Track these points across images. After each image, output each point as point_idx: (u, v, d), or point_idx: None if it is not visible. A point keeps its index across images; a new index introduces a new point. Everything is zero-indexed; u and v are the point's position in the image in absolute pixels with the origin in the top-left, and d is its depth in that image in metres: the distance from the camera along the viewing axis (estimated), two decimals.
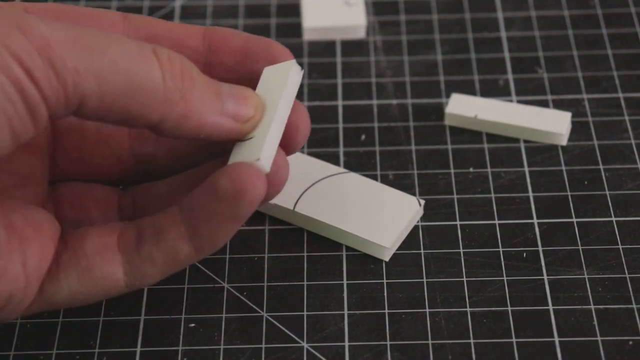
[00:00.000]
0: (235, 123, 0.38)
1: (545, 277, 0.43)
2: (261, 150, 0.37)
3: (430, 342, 0.41)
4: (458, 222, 0.46)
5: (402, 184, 0.47)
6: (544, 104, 0.51)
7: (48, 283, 0.38)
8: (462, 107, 0.50)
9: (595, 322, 0.42)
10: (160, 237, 0.38)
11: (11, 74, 0.33)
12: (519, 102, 0.51)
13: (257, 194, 0.37)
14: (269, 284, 0.43)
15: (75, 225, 0.40)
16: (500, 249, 0.44)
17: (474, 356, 0.41)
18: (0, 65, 0.32)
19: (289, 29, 0.57)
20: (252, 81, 0.40)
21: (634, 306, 0.42)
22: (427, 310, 0.42)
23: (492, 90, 0.52)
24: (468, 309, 0.42)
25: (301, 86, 0.53)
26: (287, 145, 0.40)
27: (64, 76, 0.33)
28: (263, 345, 0.41)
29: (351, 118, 0.51)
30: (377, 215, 0.45)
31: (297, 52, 0.55)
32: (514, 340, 0.41)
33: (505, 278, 0.43)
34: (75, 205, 0.42)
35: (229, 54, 0.41)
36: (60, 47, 0.34)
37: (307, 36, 0.56)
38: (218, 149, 0.41)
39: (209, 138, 0.38)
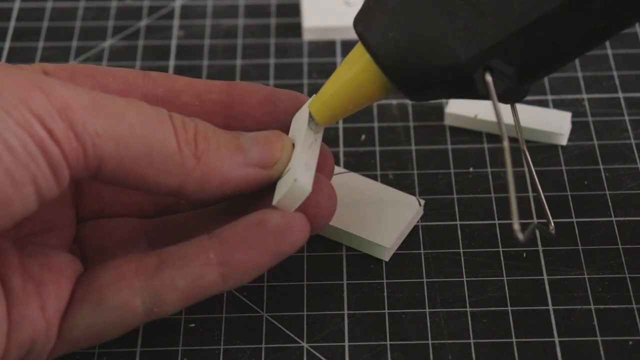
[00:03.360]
0: (262, 170, 0.38)
1: (545, 277, 0.43)
2: (297, 173, 0.38)
3: (430, 342, 0.41)
4: (458, 222, 0.46)
5: (402, 184, 0.47)
6: (544, 104, 0.51)
7: (64, 320, 0.38)
8: (462, 107, 0.50)
9: (595, 322, 0.42)
10: (185, 262, 0.37)
11: (33, 133, 0.33)
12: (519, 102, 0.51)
13: (303, 234, 0.38)
14: (269, 284, 0.43)
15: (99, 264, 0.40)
16: (500, 249, 0.44)
17: (474, 356, 0.41)
18: (22, 125, 0.33)
19: (288, 29, 0.57)
20: (280, 130, 0.40)
21: (634, 306, 0.42)
22: (427, 310, 0.42)
23: None
24: (468, 309, 0.42)
25: (301, 86, 0.53)
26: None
27: (84, 137, 0.34)
28: (263, 345, 0.41)
29: (351, 118, 0.51)
30: (377, 215, 0.45)
31: (297, 52, 0.55)
32: (514, 340, 0.41)
33: (505, 278, 0.43)
34: (99, 245, 0.41)
35: (255, 106, 0.41)
36: (80, 110, 0.34)
37: (307, 36, 0.56)
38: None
39: (238, 192, 0.38)
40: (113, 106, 0.35)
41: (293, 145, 0.39)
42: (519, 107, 0.50)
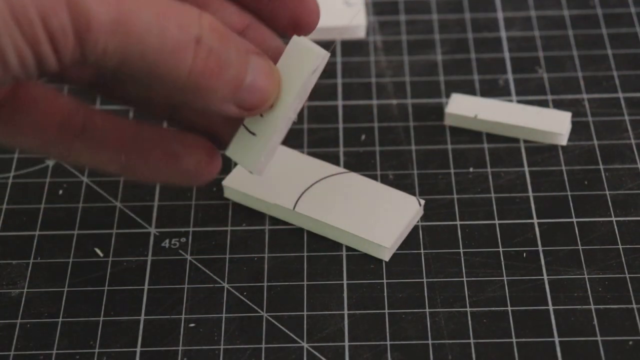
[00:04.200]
0: (240, 111, 0.37)
1: (545, 277, 0.43)
2: (258, 161, 0.39)
3: (430, 342, 0.41)
4: (458, 222, 0.46)
5: (402, 184, 0.47)
6: (544, 104, 0.51)
7: None
8: (462, 107, 0.50)
9: (595, 322, 0.42)
10: (100, 146, 0.39)
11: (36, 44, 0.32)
12: (519, 102, 0.51)
13: (204, 183, 0.40)
14: (269, 284, 0.43)
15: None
16: (500, 249, 0.44)
17: (474, 356, 0.41)
18: (28, 35, 0.32)
19: None
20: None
21: (634, 306, 0.42)
22: (427, 310, 0.42)
23: (492, 90, 0.52)
24: (468, 309, 0.42)
25: None
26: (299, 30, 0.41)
27: (88, 50, 0.33)
28: (263, 345, 0.41)
29: (351, 118, 0.51)
30: (377, 215, 0.45)
31: None
32: (514, 340, 0.41)
33: (505, 278, 0.43)
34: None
35: None
36: (96, 21, 0.33)
37: (307, 36, 0.56)
38: None
39: (206, 111, 0.39)
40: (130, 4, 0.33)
41: None
42: (518, 106, 0.50)
